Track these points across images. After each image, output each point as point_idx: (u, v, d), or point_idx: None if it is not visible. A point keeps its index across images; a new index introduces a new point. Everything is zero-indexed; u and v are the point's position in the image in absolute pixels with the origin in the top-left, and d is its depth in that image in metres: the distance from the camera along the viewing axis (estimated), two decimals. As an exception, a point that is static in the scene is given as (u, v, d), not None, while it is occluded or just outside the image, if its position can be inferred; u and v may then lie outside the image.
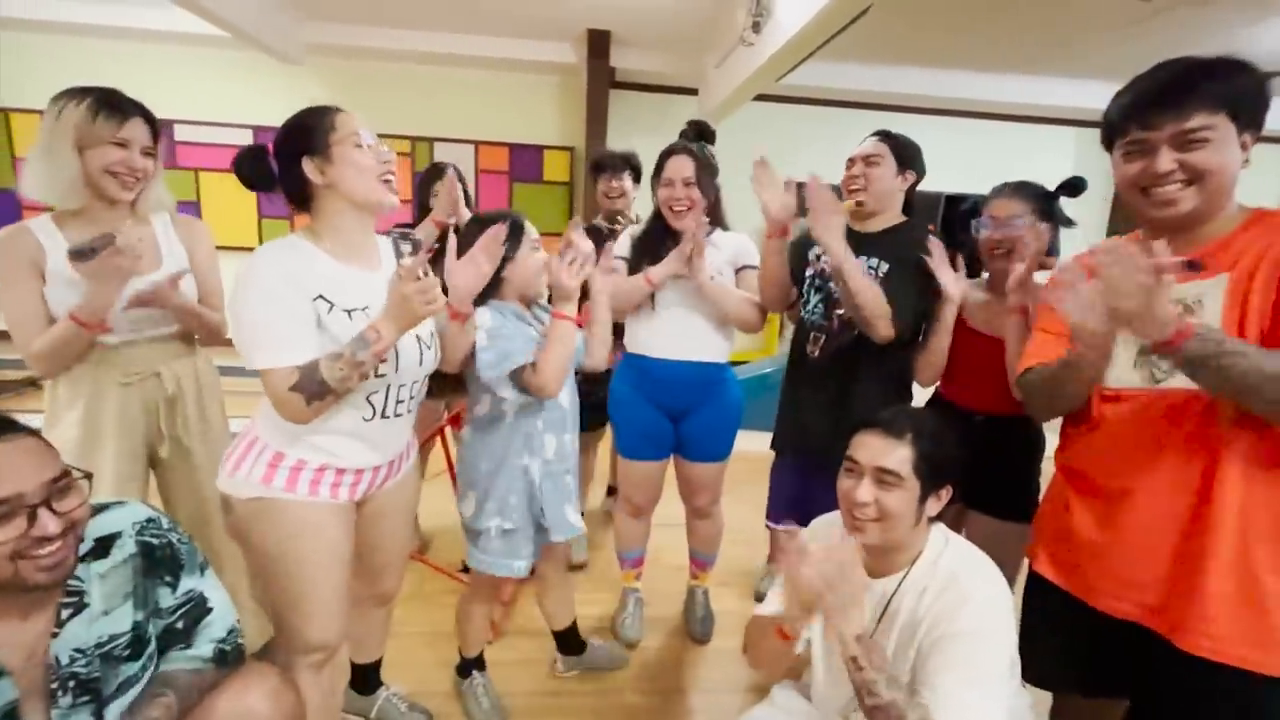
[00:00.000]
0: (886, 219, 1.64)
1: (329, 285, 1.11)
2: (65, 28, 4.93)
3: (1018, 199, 1.47)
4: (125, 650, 0.94)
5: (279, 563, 1.16)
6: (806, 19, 2.95)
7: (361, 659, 1.57)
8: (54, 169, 1.27)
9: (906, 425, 1.03)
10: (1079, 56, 4.68)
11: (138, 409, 1.41)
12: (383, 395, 1.19)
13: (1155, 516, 0.97)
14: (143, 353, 1.41)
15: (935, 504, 1.05)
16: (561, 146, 5.60)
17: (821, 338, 1.65)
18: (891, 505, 1.02)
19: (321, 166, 1.11)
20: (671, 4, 4.08)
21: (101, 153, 1.28)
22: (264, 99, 5.27)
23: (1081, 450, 1.08)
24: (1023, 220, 1.44)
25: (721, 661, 1.97)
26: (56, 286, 1.28)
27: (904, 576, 1.05)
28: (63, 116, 1.27)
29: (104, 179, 1.29)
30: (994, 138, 5.89)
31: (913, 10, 3.94)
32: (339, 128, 1.11)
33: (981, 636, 0.96)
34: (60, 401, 1.37)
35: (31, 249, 1.28)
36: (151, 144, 1.37)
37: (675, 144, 1.77)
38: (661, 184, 1.75)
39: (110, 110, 1.28)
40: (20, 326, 1.27)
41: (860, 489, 1.03)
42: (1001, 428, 1.47)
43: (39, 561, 0.81)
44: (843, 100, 5.60)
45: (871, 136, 1.64)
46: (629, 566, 2.07)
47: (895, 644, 1.04)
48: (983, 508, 1.52)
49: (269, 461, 1.13)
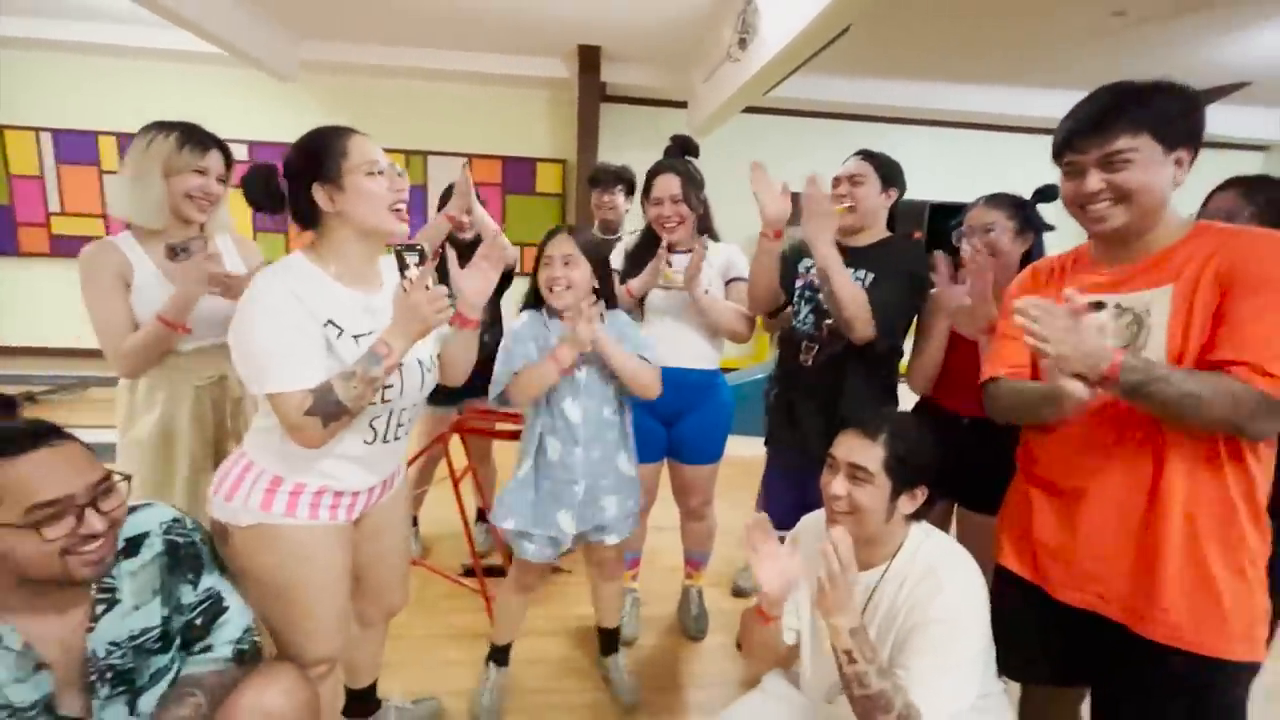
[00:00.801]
0: (872, 234, 1.70)
1: (337, 310, 1.11)
2: (64, 46, 4.99)
3: (993, 208, 1.56)
4: (156, 643, 0.99)
5: (280, 588, 1.15)
6: (790, 37, 3.06)
7: (357, 684, 1.53)
8: (142, 192, 1.41)
9: (882, 426, 1.11)
10: (1058, 68, 4.82)
11: (208, 409, 1.53)
12: (384, 420, 1.20)
13: (1111, 514, 1.03)
14: (212, 358, 1.52)
15: (909, 502, 1.11)
16: (554, 159, 5.70)
17: (814, 347, 1.70)
18: (862, 500, 1.09)
19: (332, 194, 1.10)
20: (659, 21, 4.19)
21: (183, 179, 1.43)
22: (260, 115, 5.35)
23: (1041, 451, 1.14)
24: (996, 227, 1.53)
25: (716, 657, 2.04)
26: (140, 296, 1.42)
27: (886, 569, 1.12)
28: (152, 146, 1.41)
29: (184, 202, 1.44)
30: (977, 147, 6.04)
31: (893, 26, 4.07)
32: (352, 154, 1.10)
33: (954, 624, 1.03)
34: (139, 404, 1.48)
35: (119, 262, 1.41)
36: (225, 173, 1.52)
37: (662, 162, 1.85)
38: (651, 202, 1.83)
39: (194, 143, 1.44)
40: (109, 330, 1.41)
41: (835, 483, 1.11)
42: (988, 429, 1.48)
43: (85, 557, 0.88)
44: (829, 112, 5.73)
45: (854, 156, 1.71)
46: (626, 568, 2.13)
47: (876, 633, 1.10)
48: (973, 505, 1.59)
49: (266, 487, 1.12)
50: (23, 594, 0.89)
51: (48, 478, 0.85)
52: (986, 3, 3.70)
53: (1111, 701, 1.09)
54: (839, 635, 1.02)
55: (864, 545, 1.14)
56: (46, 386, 4.61)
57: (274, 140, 5.29)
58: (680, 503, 2.05)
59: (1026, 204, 1.57)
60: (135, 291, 1.42)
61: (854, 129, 5.77)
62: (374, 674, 1.55)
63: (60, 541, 0.85)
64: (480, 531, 2.59)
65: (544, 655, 1.98)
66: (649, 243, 1.87)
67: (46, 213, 5.36)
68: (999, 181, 1.72)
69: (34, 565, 0.86)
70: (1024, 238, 1.55)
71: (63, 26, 4.77)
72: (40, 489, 0.84)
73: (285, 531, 1.13)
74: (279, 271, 1.10)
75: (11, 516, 0.83)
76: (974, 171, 5.90)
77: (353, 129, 1.14)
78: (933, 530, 1.15)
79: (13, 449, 0.84)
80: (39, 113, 5.23)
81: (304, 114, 5.35)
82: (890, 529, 1.12)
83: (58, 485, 0.85)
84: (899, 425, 1.11)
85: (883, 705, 0.97)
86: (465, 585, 2.28)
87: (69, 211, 5.36)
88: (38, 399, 4.37)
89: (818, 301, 1.68)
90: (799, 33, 2.98)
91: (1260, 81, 4.80)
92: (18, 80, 5.14)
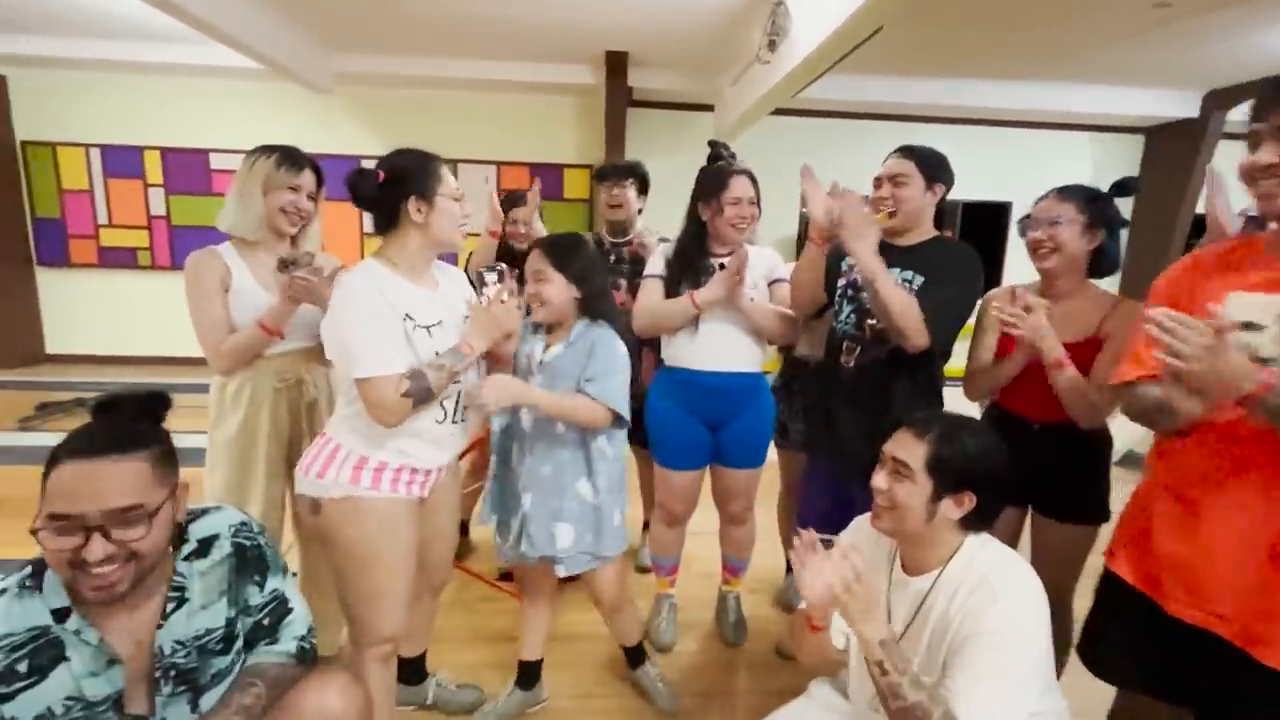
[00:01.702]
0: (919, 233, 1.64)
1: (412, 304, 1.28)
2: (110, 65, 5.17)
3: (1064, 201, 1.47)
4: (219, 644, 1.02)
5: (363, 558, 1.29)
6: (822, 38, 3.04)
7: (410, 652, 1.69)
8: (245, 207, 1.54)
9: (931, 426, 1.08)
10: (1093, 63, 4.71)
11: (285, 411, 1.62)
12: (453, 399, 1.36)
13: (1241, 533, 0.96)
14: (292, 361, 1.62)
15: (954, 507, 1.06)
16: (581, 165, 5.74)
17: (856, 348, 1.65)
18: (900, 496, 1.06)
19: (423, 208, 1.28)
20: (687, 25, 4.19)
21: (279, 195, 1.56)
22: (295, 127, 5.48)
23: (1173, 460, 1.07)
24: (1063, 220, 1.46)
25: (754, 665, 2.02)
26: (238, 301, 1.54)
27: (938, 575, 1.09)
28: (254, 166, 1.55)
29: (278, 216, 1.57)
30: (1010, 145, 5.92)
31: (925, 23, 4.01)
32: (446, 181, 1.31)
33: (1008, 637, 0.98)
34: (227, 404, 1.58)
35: (221, 269, 1.53)
36: (315, 191, 1.64)
37: (733, 166, 1.86)
38: (728, 202, 1.82)
39: (291, 163, 1.57)
40: (210, 331, 1.53)
41: (879, 476, 1.10)
42: (1060, 435, 1.48)
43: (92, 580, 0.86)
44: (860, 112, 5.67)
45: (894, 154, 1.63)
46: (664, 573, 2.13)
47: (927, 643, 1.08)
48: (1049, 513, 1.54)
49: (354, 465, 1.28)
50: None
51: (72, 492, 0.85)
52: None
53: None
54: (869, 647, 1.00)
55: (913, 549, 1.12)
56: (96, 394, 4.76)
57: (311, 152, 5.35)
58: (721, 508, 2.03)
59: (1101, 198, 1.48)
60: (233, 296, 1.53)
61: (884, 129, 5.70)
62: (423, 644, 1.71)
63: (65, 555, 0.85)
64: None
65: (581, 660, 1.98)
66: (694, 247, 1.87)
67: (95, 225, 5.57)
68: (1035, 179, 1.68)
69: (55, 568, 0.88)
70: (1093, 234, 1.46)
71: (109, 46, 4.95)
72: (57, 501, 0.84)
73: (370, 503, 1.28)
74: (363, 273, 1.26)
75: (39, 519, 0.85)
76: (1009, 170, 5.79)
77: (439, 157, 1.33)
78: (990, 540, 1.11)
79: (69, 453, 0.86)
80: (88, 129, 5.44)
81: (338, 125, 5.49)
82: (937, 533, 1.08)
83: (74, 502, 0.84)
84: (949, 427, 1.08)
85: (918, 717, 0.95)
86: (503, 589, 2.30)
87: (116, 224, 5.56)
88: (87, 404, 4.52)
89: (860, 301, 1.64)
90: (830, 34, 2.96)
91: (1312, 71, 4.62)
92: (68, 99, 5.36)
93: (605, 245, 2.34)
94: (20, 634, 0.87)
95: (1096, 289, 1.53)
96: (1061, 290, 1.51)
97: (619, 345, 1.53)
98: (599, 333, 1.52)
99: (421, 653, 1.72)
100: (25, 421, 3.96)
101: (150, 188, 5.50)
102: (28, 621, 0.88)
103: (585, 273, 1.50)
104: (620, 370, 1.50)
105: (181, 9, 3.36)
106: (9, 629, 0.87)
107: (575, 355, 1.50)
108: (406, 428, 1.28)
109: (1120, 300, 1.48)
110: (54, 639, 0.89)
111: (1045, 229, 1.48)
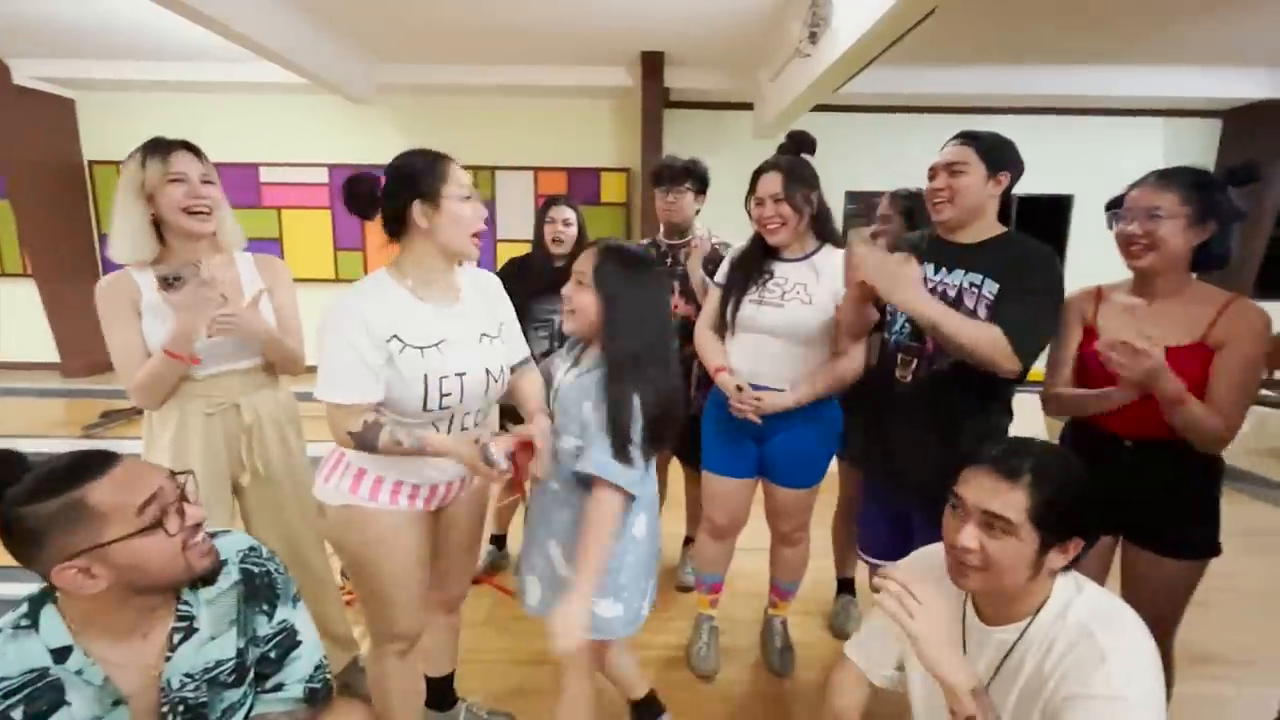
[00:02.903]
0: (983, 228, 1.47)
1: (404, 324, 1.19)
2: (144, 86, 5.38)
3: (1165, 189, 1.27)
4: (230, 676, 0.97)
5: (365, 563, 1.30)
6: (866, 27, 2.88)
7: (435, 672, 1.62)
8: (129, 225, 1.36)
9: (1025, 465, 0.90)
10: (1168, 42, 4.37)
11: (220, 438, 1.49)
12: (446, 424, 1.29)
13: None
14: (225, 385, 1.49)
15: (1060, 557, 0.91)
16: (618, 168, 5.68)
17: (913, 361, 1.50)
18: (998, 555, 0.90)
19: (429, 212, 1.19)
20: (724, 22, 4.08)
21: (166, 194, 1.35)
22: (338, 138, 5.61)
23: None
24: (1164, 211, 1.26)
25: (801, 696, 1.89)
26: (150, 321, 1.38)
27: (1027, 626, 0.94)
28: (124, 174, 1.36)
29: (180, 217, 1.36)
30: (1071, 133, 5.56)
31: (979, 8, 3.79)
32: (450, 179, 1.20)
33: (1122, 704, 0.83)
34: (154, 430, 1.47)
35: (130, 289, 1.39)
36: (207, 172, 1.42)
37: (768, 160, 1.69)
38: (755, 203, 1.69)
39: (155, 152, 1.35)
40: (124, 362, 1.39)
41: (964, 533, 0.92)
42: (1156, 453, 1.30)
43: (200, 547, 0.90)
44: (905, 105, 5.43)
45: (953, 141, 1.47)
46: (705, 591, 2.01)
47: (1015, 702, 0.94)
48: (1142, 542, 1.36)
49: (354, 475, 1.27)
50: (111, 620, 0.88)
51: (135, 483, 0.85)
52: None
53: None
54: (956, 697, 0.87)
55: (996, 601, 0.97)
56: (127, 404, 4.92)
57: (352, 162, 5.52)
58: (771, 525, 1.90)
59: (1213, 185, 1.26)
60: (146, 317, 1.39)
61: (933, 122, 5.44)
62: (448, 665, 1.63)
63: (180, 535, 0.86)
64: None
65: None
66: (756, 250, 1.73)
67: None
68: (1100, 169, 1.49)
69: (165, 568, 0.87)
70: (1200, 229, 1.26)
71: (164, 68, 5.14)
72: (136, 492, 0.85)
73: (369, 514, 1.26)
74: (352, 292, 1.19)
75: (130, 527, 0.83)
76: (1070, 160, 5.45)
77: (449, 156, 1.23)
78: (1085, 582, 0.95)
79: (95, 472, 0.83)
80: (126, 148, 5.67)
81: (379, 135, 5.59)
82: (1036, 584, 0.94)
83: (146, 486, 0.86)
84: (1048, 463, 0.91)
85: None
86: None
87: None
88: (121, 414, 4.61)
89: None
90: (877, 20, 2.79)
91: None
92: (131, 118, 5.58)
93: (661, 248, 2.26)
94: (14, 678, 0.83)
95: (1203, 286, 1.32)
96: (1160, 290, 1.32)
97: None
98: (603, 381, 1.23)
99: (448, 674, 1.64)
100: (88, 429, 4.14)
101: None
102: (24, 664, 0.84)
103: (615, 301, 1.23)
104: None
105: (228, 28, 3.44)
106: (3, 672, 0.83)
107: (580, 388, 1.27)
108: None
109: (1234, 298, 1.27)
110: (53, 681, 0.84)
111: (1142, 222, 1.28)
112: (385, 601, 1.32)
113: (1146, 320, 1.25)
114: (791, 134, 1.73)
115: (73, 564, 0.80)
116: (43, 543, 0.80)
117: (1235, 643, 1.03)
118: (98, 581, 0.82)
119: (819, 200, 1.68)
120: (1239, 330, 1.24)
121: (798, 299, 1.64)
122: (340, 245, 5.63)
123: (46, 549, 0.80)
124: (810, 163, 1.69)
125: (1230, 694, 1.03)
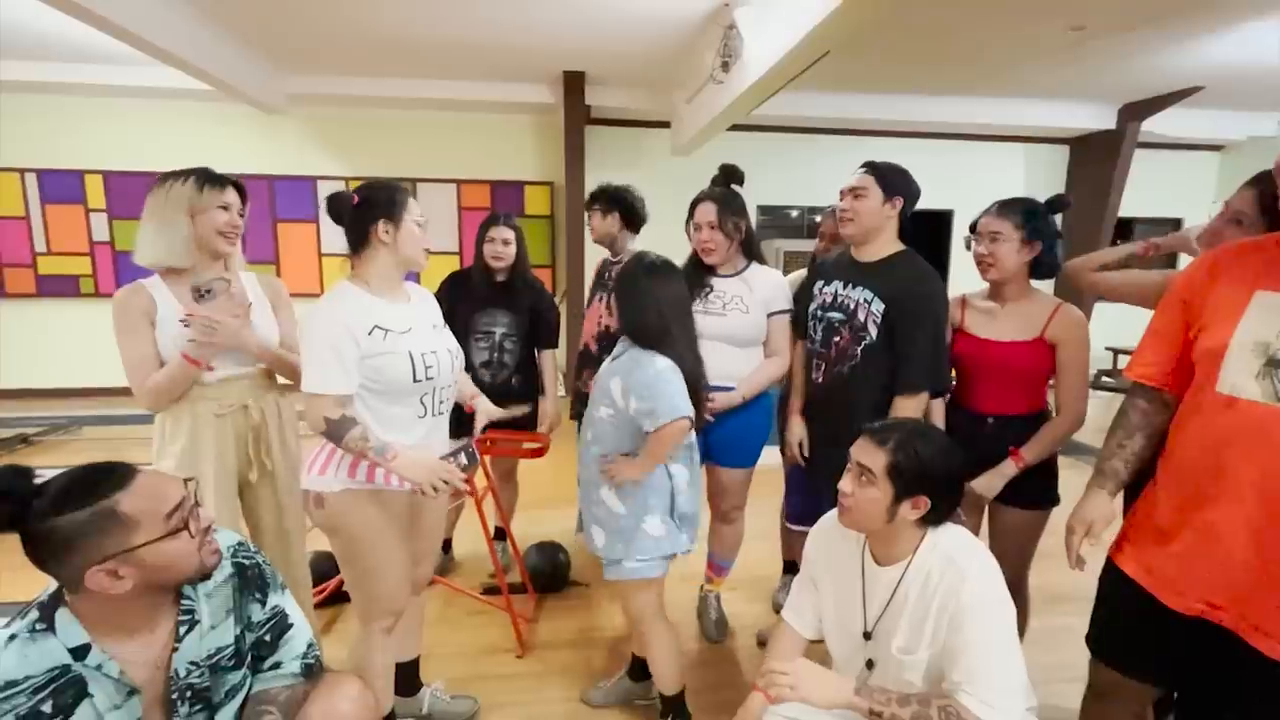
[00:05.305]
0: (883, 245, 1.70)
1: (381, 317, 1.39)
2: (48, 88, 5.01)
3: (1002, 217, 1.60)
4: (230, 661, 1.05)
5: (364, 542, 1.42)
6: (772, 61, 3.20)
7: (403, 655, 1.70)
8: (170, 235, 1.52)
9: (893, 435, 1.17)
10: (1019, 79, 5.07)
11: (230, 438, 1.61)
12: (432, 395, 1.47)
13: (1245, 525, 0.97)
14: (234, 388, 1.61)
15: (911, 510, 1.16)
16: (541, 181, 5.81)
17: (822, 365, 1.78)
18: (861, 498, 1.16)
19: (390, 230, 1.42)
20: (642, 46, 4.33)
21: (211, 217, 1.55)
22: (247, 148, 5.40)
23: (1183, 451, 1.10)
24: (1002, 235, 1.59)
25: (733, 659, 2.11)
26: (164, 334, 1.52)
27: (907, 564, 1.20)
28: (172, 192, 1.53)
29: (215, 238, 1.57)
30: (951, 156, 6.25)
31: (869, 45, 4.26)
32: (410, 209, 1.44)
33: (986, 605, 1.09)
34: (166, 435, 1.57)
35: (146, 302, 1.52)
36: (243, 207, 1.63)
37: (704, 191, 1.95)
38: (694, 228, 1.94)
39: (213, 183, 1.57)
40: (136, 367, 1.51)
41: (844, 480, 1.20)
42: (1013, 427, 1.63)
43: (211, 546, 1.00)
44: (810, 127, 5.90)
45: (860, 169, 1.71)
46: (715, 574, 2.20)
47: (908, 623, 1.17)
48: (1005, 500, 1.64)
49: (351, 461, 1.40)
50: (123, 617, 0.95)
51: (163, 491, 0.94)
52: (952, 21, 3.89)
53: (1210, 710, 1.09)
54: (850, 705, 1.10)
55: (879, 543, 1.23)
56: (41, 428, 4.57)
57: (262, 173, 5.34)
58: (712, 505, 2.10)
59: (1038, 213, 1.60)
60: (160, 329, 1.52)
61: (834, 142, 5.94)
62: (414, 649, 1.75)
63: (198, 537, 0.96)
64: (500, 549, 2.63)
65: (567, 666, 2.04)
66: (691, 268, 1.95)
67: (33, 253, 5.35)
68: (975, 187, 1.82)
69: (186, 567, 0.96)
70: (1030, 247, 1.59)
71: (45, 68, 4.80)
72: (165, 499, 0.94)
73: (369, 493, 1.41)
74: (331, 298, 1.38)
75: (158, 531, 0.91)
76: (950, 179, 6.09)
77: (406, 189, 1.49)
78: (948, 525, 1.22)
79: (119, 483, 0.91)
80: (24, 154, 5.24)
81: (291, 146, 5.41)
82: (899, 530, 1.18)
83: (172, 494, 0.95)
84: (909, 436, 1.17)
85: None
86: (490, 603, 2.32)
87: (55, 251, 5.36)
88: (32, 440, 4.34)
89: (829, 321, 1.76)
90: (780, 57, 3.12)
91: (1211, 86, 5.08)
92: (2, 122, 5.15)
93: (601, 265, 2.48)
94: (40, 675, 0.89)
95: (1041, 293, 1.67)
96: (1008, 295, 1.66)
97: (657, 361, 1.48)
98: (636, 355, 1.51)
99: (414, 659, 1.75)
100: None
101: (92, 213, 5.32)
102: (46, 662, 0.89)
103: (621, 303, 1.57)
104: (665, 382, 1.46)
105: (123, 29, 3.31)
106: (28, 671, 0.88)
107: (609, 370, 1.56)
108: (390, 427, 1.40)
109: (1061, 303, 1.62)
110: (74, 677, 0.91)
111: (987, 244, 1.61)
112: (378, 577, 1.45)
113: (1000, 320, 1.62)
114: (723, 167, 1.99)
115: (103, 567, 0.88)
116: (74, 549, 0.87)
117: (1079, 584, 1.34)
118: (124, 582, 0.90)
119: (747, 226, 1.95)
120: (1068, 335, 1.58)
121: (737, 309, 1.90)
122: (252, 259, 5.41)
123: (76, 555, 0.87)
124: (740, 193, 1.97)
125: (1077, 625, 1.35)
